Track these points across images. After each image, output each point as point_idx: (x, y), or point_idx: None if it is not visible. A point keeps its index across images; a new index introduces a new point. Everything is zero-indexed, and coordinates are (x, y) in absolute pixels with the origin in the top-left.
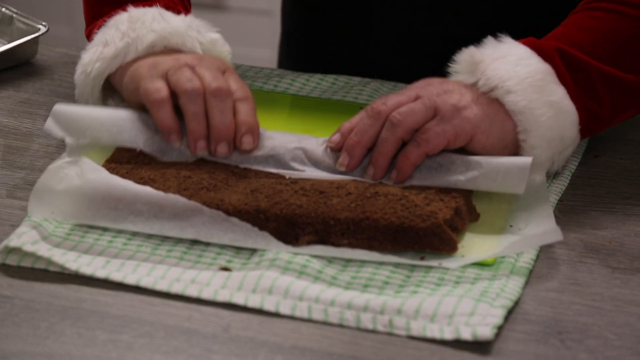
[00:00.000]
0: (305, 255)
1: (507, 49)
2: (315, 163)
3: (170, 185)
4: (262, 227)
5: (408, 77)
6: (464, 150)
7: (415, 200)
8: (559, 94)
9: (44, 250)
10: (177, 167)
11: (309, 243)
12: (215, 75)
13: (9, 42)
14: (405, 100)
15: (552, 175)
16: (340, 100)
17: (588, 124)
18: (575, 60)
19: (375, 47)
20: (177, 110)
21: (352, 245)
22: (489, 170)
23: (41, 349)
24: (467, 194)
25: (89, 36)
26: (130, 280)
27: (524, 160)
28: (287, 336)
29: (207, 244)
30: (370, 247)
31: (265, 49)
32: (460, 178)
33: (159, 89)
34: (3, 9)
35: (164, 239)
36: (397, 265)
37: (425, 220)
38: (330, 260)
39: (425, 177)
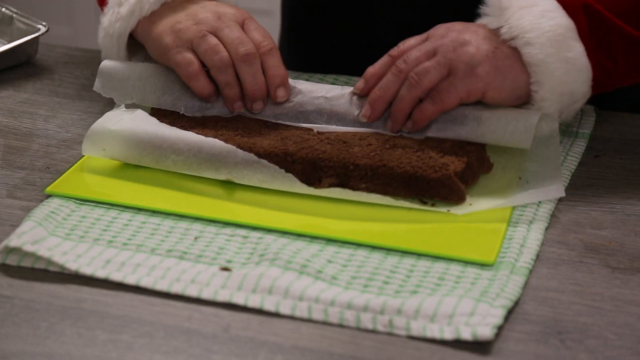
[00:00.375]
0: (306, 255)
1: (535, 0)
2: (340, 118)
3: (208, 132)
4: (288, 169)
5: None
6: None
7: (430, 153)
8: (576, 51)
9: (44, 250)
10: (215, 119)
11: (329, 185)
12: (239, 38)
13: (9, 42)
14: (424, 58)
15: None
16: None
17: (601, 81)
18: (599, 16)
19: (376, 45)
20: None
21: (369, 189)
22: (498, 127)
23: (41, 349)
24: (481, 147)
25: (103, 1)
26: (130, 280)
27: (532, 118)
28: (287, 336)
29: (207, 244)
30: (385, 193)
31: None
32: (471, 132)
33: (190, 62)
34: (3, 9)
35: (164, 238)
36: (397, 265)
37: (437, 171)
38: (330, 260)
39: (439, 128)
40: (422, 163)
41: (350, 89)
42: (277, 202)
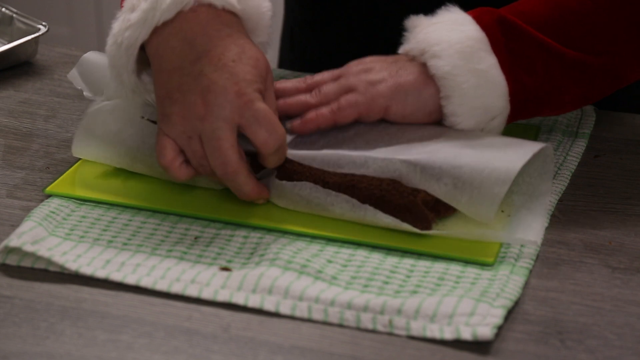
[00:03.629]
0: (306, 255)
1: (447, 16)
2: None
3: None
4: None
5: None
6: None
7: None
8: (487, 63)
9: (44, 250)
10: None
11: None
12: (222, 155)
13: (9, 42)
14: (329, 79)
15: (553, 175)
16: None
17: (520, 96)
18: (514, 28)
19: (376, 46)
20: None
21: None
22: (468, 192)
23: (41, 349)
24: None
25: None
26: (130, 280)
27: (498, 192)
28: (287, 336)
29: (207, 244)
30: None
31: None
32: (437, 187)
33: (162, 152)
34: (3, 9)
35: (164, 238)
36: (397, 265)
37: (404, 197)
38: (330, 260)
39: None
40: (392, 187)
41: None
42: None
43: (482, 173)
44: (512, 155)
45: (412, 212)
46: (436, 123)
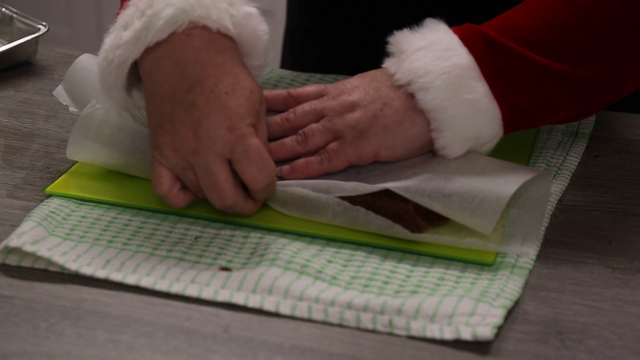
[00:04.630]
0: (306, 255)
1: (434, 38)
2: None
3: None
4: None
5: None
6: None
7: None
8: (478, 92)
9: (44, 250)
10: None
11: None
12: (217, 188)
13: (9, 42)
14: (311, 116)
15: (553, 175)
16: None
17: (513, 119)
18: (503, 48)
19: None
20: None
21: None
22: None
23: (41, 349)
24: None
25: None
26: (130, 280)
27: (498, 203)
28: (287, 336)
29: (207, 244)
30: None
31: None
32: (435, 204)
33: (159, 182)
34: (3, 9)
35: (164, 239)
36: (397, 265)
37: (395, 205)
38: (330, 260)
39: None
40: (384, 195)
41: None
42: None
43: (472, 202)
44: (502, 185)
45: (403, 219)
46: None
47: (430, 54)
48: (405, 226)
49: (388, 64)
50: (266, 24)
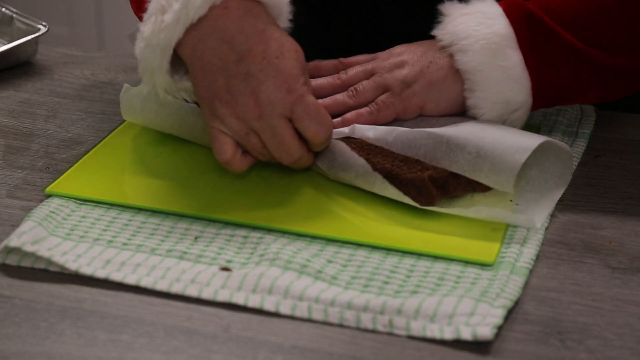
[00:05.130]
0: (306, 255)
1: (479, 7)
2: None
3: None
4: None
5: None
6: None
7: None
8: (513, 60)
9: (44, 250)
10: None
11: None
12: (285, 145)
13: (9, 42)
14: (362, 75)
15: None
16: None
17: (544, 92)
18: (542, 25)
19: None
20: None
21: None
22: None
23: (41, 349)
24: None
25: (140, 7)
26: (130, 280)
27: (516, 160)
28: (287, 336)
29: (207, 244)
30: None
31: None
32: (462, 156)
33: (222, 148)
34: (3, 9)
35: (164, 238)
36: (397, 265)
37: (412, 173)
38: (330, 260)
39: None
40: (403, 163)
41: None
42: (277, 202)
43: (504, 143)
44: (533, 137)
45: (418, 187)
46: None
47: (474, 19)
48: (419, 196)
49: (435, 30)
50: None
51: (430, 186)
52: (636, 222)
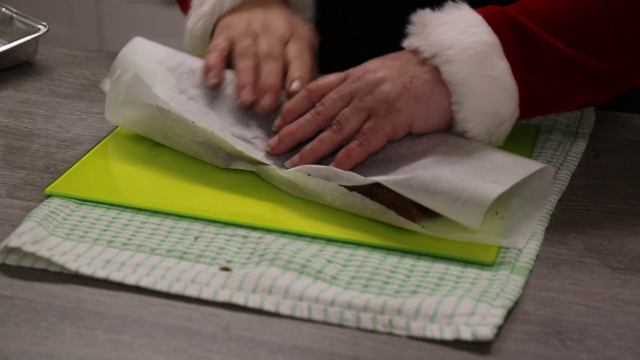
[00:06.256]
0: (306, 255)
1: (458, 15)
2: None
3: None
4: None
5: None
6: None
7: None
8: (500, 69)
9: (44, 250)
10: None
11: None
12: (272, 43)
13: (9, 42)
14: (340, 102)
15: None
16: None
17: (530, 101)
18: (526, 31)
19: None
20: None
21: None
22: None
23: (41, 349)
24: None
25: (187, 3)
26: (130, 280)
27: (485, 196)
28: (287, 336)
29: (207, 244)
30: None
31: None
32: (422, 195)
33: (218, 43)
34: (3, 9)
35: (164, 238)
36: (397, 265)
37: (391, 192)
38: (330, 260)
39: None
40: (380, 187)
41: None
42: (278, 202)
43: (455, 203)
44: (488, 186)
45: (398, 207)
46: (427, 135)
47: (456, 28)
48: (400, 213)
49: (410, 40)
50: None
51: (410, 205)
52: (636, 222)
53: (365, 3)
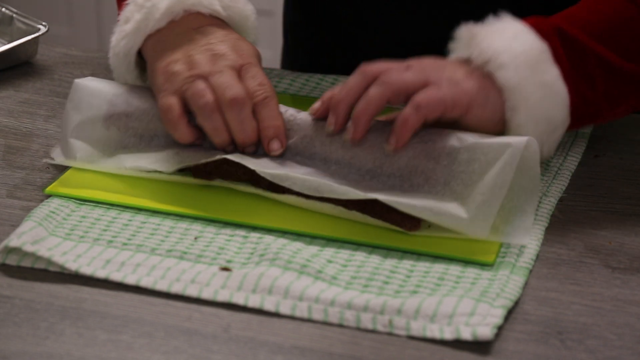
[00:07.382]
0: (306, 255)
1: (505, 25)
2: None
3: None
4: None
5: None
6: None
7: None
8: (552, 74)
9: (44, 250)
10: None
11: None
12: (227, 83)
13: (9, 42)
14: (396, 67)
15: (553, 175)
16: None
17: (579, 108)
18: (574, 40)
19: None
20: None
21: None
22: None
23: (41, 349)
24: None
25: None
26: (130, 280)
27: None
28: (287, 336)
29: (207, 244)
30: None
31: (265, 48)
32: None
33: (170, 107)
34: (3, 9)
35: (164, 238)
36: (397, 265)
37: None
38: (330, 260)
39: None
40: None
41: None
42: (277, 202)
43: (461, 223)
44: (458, 209)
45: (400, 212)
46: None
47: (504, 36)
48: (404, 218)
49: (457, 53)
50: (252, 5)
51: (408, 215)
52: (636, 222)
53: (365, 3)
